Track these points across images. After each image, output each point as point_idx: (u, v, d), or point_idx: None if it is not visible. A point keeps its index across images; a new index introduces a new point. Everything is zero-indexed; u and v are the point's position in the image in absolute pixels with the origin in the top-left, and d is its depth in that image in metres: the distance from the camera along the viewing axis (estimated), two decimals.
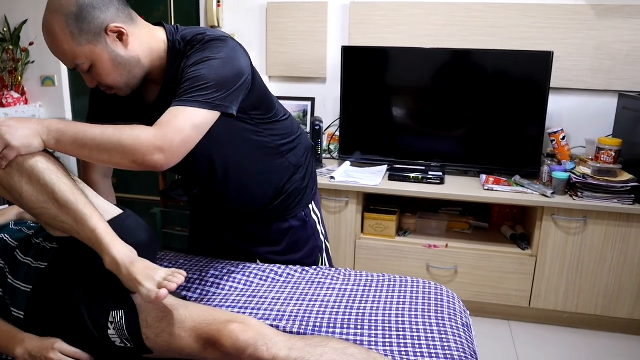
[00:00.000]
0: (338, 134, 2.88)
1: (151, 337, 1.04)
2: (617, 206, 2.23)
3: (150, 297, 0.96)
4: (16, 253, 1.18)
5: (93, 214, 1.01)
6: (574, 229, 2.32)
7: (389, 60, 2.69)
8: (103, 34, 1.09)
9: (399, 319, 1.26)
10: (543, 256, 2.38)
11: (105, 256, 1.00)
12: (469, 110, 2.62)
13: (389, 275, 1.50)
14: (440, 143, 2.71)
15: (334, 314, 1.28)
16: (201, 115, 1.08)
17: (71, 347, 1.07)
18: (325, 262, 1.66)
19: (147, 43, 1.18)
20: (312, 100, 3.00)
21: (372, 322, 1.25)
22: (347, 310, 1.30)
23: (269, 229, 1.52)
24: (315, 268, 1.55)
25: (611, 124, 2.62)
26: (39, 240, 1.22)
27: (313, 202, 1.57)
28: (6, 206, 1.53)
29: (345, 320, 1.25)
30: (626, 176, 2.28)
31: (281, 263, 1.55)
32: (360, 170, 2.69)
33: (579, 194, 2.30)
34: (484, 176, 2.55)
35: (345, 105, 2.74)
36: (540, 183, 2.47)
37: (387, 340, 1.18)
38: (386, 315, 1.28)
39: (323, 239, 1.63)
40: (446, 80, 2.61)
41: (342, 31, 2.90)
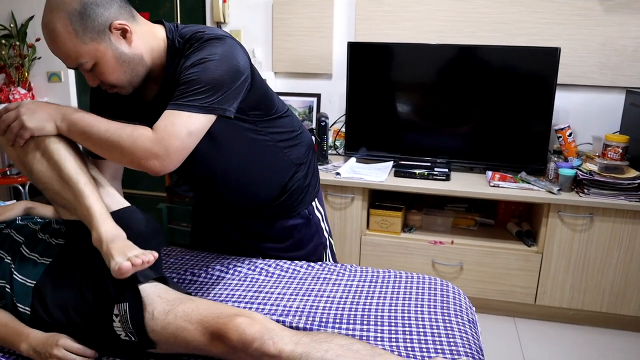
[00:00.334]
0: (344, 130, 2.88)
1: (157, 330, 1.05)
2: (624, 203, 2.23)
3: (114, 269, 0.99)
4: (22, 248, 1.19)
5: (91, 193, 1.06)
6: (580, 226, 2.32)
7: (394, 56, 2.68)
8: (107, 32, 1.08)
9: (405, 315, 1.27)
10: (549, 253, 2.38)
11: (93, 232, 1.04)
12: (475, 106, 2.61)
13: (394, 272, 1.50)
14: (446, 139, 2.70)
15: (340, 309, 1.29)
16: (197, 121, 1.08)
17: (75, 343, 1.08)
18: (329, 259, 1.65)
19: (148, 41, 1.17)
20: (318, 96, 3.00)
21: (378, 318, 1.25)
22: (353, 306, 1.30)
23: (273, 227, 1.51)
24: (320, 264, 1.55)
25: (618, 121, 2.61)
26: (45, 236, 1.23)
27: (316, 199, 1.56)
28: (14, 201, 1.53)
29: (351, 316, 1.26)
30: (633, 173, 2.27)
31: (285, 259, 1.55)
32: (365, 166, 2.69)
33: (586, 190, 2.29)
34: (489, 173, 2.55)
35: (351, 101, 2.73)
36: (547, 180, 2.46)
37: (393, 336, 1.18)
38: (392, 311, 1.28)
39: (327, 236, 1.62)
40: (452, 76, 2.60)
41: (348, 27, 2.90)
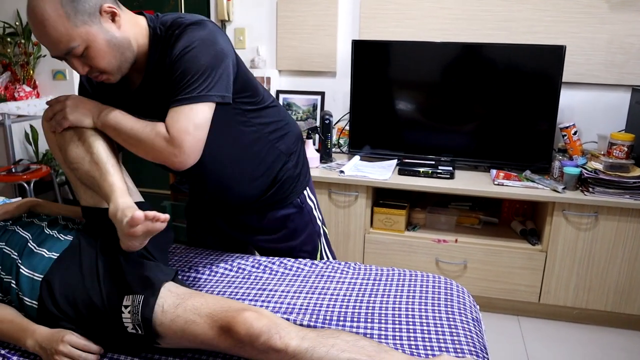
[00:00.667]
0: (348, 128, 2.88)
1: (166, 323, 1.06)
2: (629, 202, 2.22)
3: (127, 221, 1.02)
4: (29, 244, 1.21)
5: (115, 173, 1.16)
6: (584, 225, 2.31)
7: (399, 55, 2.68)
8: (97, 14, 1.09)
9: (409, 313, 1.27)
10: (553, 252, 2.37)
11: (111, 204, 1.10)
12: (480, 104, 2.60)
13: (398, 270, 1.50)
14: (450, 138, 2.69)
15: (344, 307, 1.29)
16: (199, 112, 1.13)
17: (81, 340, 1.09)
18: (324, 247, 1.67)
19: (132, 28, 1.19)
20: (322, 94, 3.00)
21: (382, 316, 1.25)
22: (357, 304, 1.30)
23: (266, 218, 1.52)
24: (324, 261, 1.55)
25: (624, 119, 2.59)
26: (53, 231, 1.25)
27: (307, 188, 1.58)
28: (19, 199, 1.54)
29: (355, 314, 1.26)
30: (638, 172, 2.26)
31: (281, 250, 1.57)
32: (369, 164, 2.69)
33: (591, 189, 2.28)
34: (494, 171, 2.54)
35: (355, 99, 2.73)
36: (551, 178, 2.45)
37: (397, 334, 1.18)
38: (396, 309, 1.28)
39: (320, 224, 1.64)
40: (457, 74, 2.60)
41: (353, 25, 2.89)
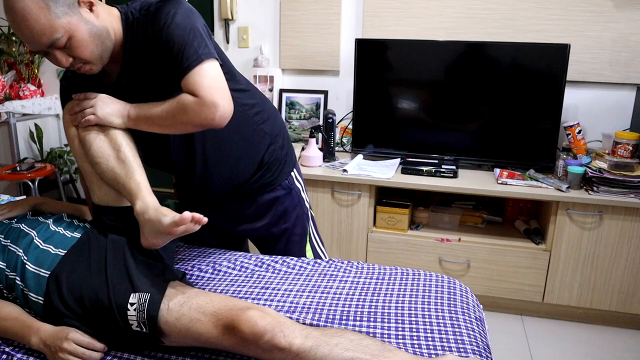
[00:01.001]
0: (351, 127, 2.87)
1: (171, 321, 1.07)
2: (634, 201, 2.20)
3: (172, 221, 1.07)
4: (35, 240, 1.21)
5: (142, 172, 1.21)
6: (589, 224, 2.30)
7: (402, 53, 2.67)
8: (76, 5, 1.13)
9: (412, 312, 1.26)
10: (557, 251, 2.36)
11: (138, 202, 1.14)
12: (484, 103, 2.60)
13: (401, 269, 1.50)
14: (454, 136, 2.69)
15: (347, 306, 1.29)
16: (209, 66, 1.18)
17: (85, 337, 1.10)
18: (312, 231, 1.67)
19: (108, 17, 1.22)
20: (325, 93, 3.00)
21: (385, 315, 1.25)
22: (360, 303, 1.30)
23: (256, 203, 1.53)
24: (327, 260, 1.55)
25: (629, 118, 2.58)
26: (59, 228, 1.26)
27: (295, 170, 1.60)
28: (24, 197, 1.55)
29: (358, 313, 1.26)
30: None
31: (275, 235, 1.58)
32: (372, 163, 2.69)
33: (595, 188, 2.27)
34: (497, 170, 2.53)
35: (358, 98, 2.73)
36: (555, 177, 2.44)
37: (400, 333, 1.18)
38: (399, 308, 1.28)
39: (308, 207, 1.65)
40: (461, 73, 2.59)
41: (356, 23, 2.89)
